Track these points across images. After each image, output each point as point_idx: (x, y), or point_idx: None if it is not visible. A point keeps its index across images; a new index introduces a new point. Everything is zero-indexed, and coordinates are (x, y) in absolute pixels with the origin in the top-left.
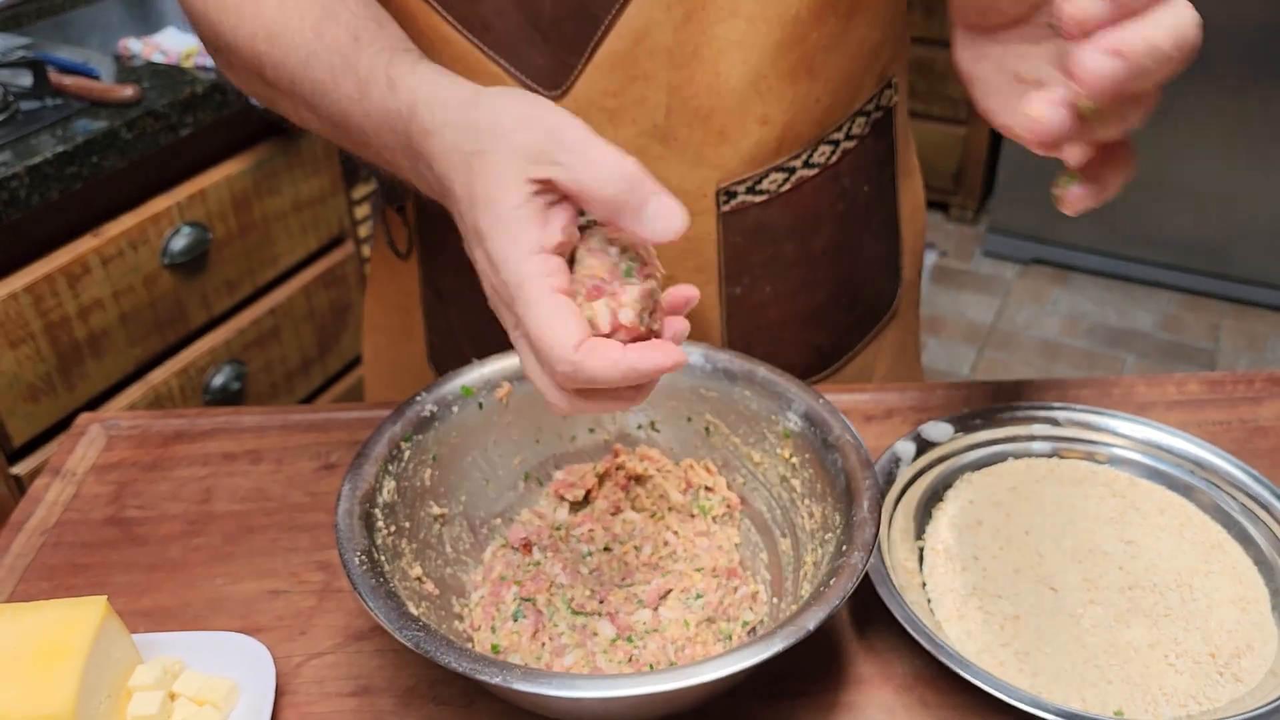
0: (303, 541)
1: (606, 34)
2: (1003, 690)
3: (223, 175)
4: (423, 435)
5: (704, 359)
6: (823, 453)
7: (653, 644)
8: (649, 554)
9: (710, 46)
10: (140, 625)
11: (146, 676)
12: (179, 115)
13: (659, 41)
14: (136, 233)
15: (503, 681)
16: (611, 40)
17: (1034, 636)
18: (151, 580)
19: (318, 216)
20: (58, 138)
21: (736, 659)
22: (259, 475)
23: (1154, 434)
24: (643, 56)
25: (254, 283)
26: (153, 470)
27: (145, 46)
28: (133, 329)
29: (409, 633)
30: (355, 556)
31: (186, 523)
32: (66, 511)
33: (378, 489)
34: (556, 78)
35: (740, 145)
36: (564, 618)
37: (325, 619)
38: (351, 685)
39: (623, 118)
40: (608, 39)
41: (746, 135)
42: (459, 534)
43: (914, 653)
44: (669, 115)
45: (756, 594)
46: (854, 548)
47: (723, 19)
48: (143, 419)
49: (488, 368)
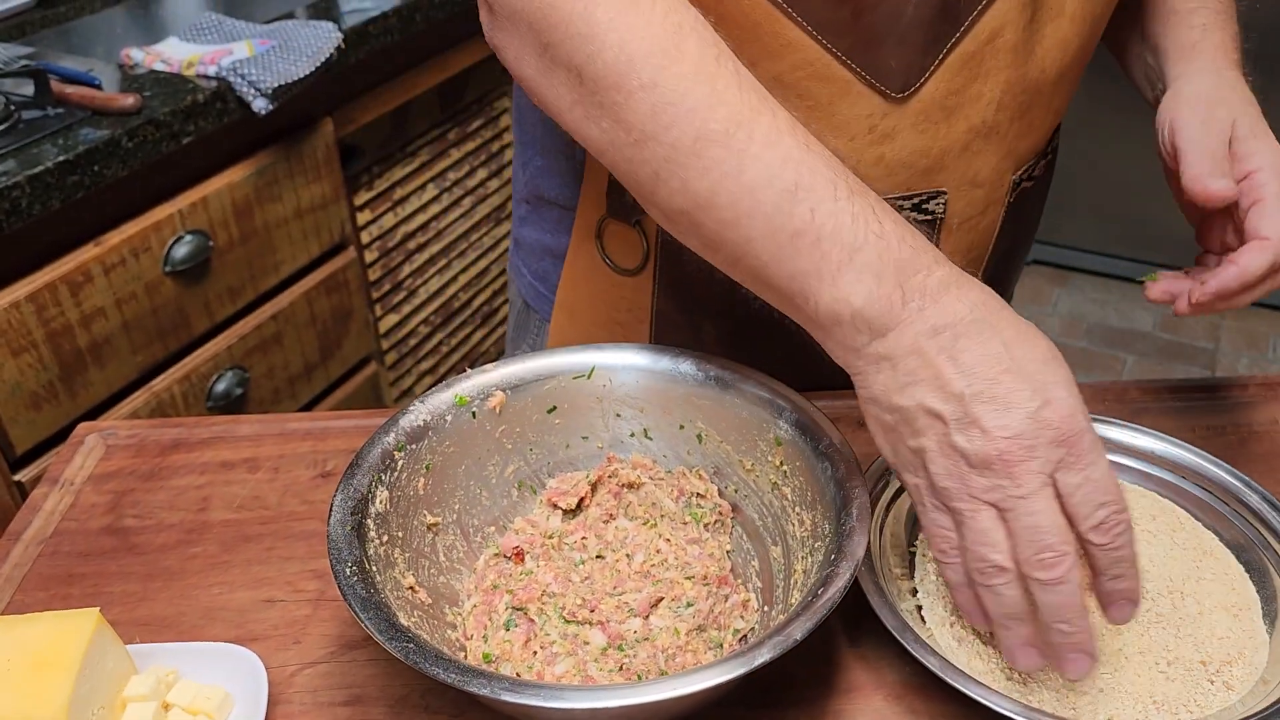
0: (298, 550)
1: (965, 35)
2: (993, 699)
3: (224, 183)
4: (416, 445)
5: (696, 367)
6: (813, 461)
7: (643, 652)
8: (641, 562)
9: (1042, 45)
10: (136, 635)
11: (141, 687)
12: (180, 123)
13: (1007, 40)
14: (138, 241)
15: (490, 693)
16: (967, 41)
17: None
18: (147, 590)
19: (319, 223)
20: (59, 147)
21: (722, 670)
22: (256, 483)
23: (1145, 440)
24: (989, 55)
25: (256, 289)
26: (150, 479)
27: (147, 55)
28: (135, 336)
29: (398, 644)
30: (346, 567)
31: (183, 532)
32: (64, 521)
33: (370, 498)
34: (908, 79)
35: (1038, 135)
36: (555, 626)
37: (319, 628)
38: (344, 695)
39: (958, 115)
40: (965, 40)
41: (1044, 125)
42: (452, 543)
43: (905, 661)
44: (998, 110)
45: (748, 602)
46: (843, 557)
47: (1053, 18)
48: (140, 428)
49: (481, 377)
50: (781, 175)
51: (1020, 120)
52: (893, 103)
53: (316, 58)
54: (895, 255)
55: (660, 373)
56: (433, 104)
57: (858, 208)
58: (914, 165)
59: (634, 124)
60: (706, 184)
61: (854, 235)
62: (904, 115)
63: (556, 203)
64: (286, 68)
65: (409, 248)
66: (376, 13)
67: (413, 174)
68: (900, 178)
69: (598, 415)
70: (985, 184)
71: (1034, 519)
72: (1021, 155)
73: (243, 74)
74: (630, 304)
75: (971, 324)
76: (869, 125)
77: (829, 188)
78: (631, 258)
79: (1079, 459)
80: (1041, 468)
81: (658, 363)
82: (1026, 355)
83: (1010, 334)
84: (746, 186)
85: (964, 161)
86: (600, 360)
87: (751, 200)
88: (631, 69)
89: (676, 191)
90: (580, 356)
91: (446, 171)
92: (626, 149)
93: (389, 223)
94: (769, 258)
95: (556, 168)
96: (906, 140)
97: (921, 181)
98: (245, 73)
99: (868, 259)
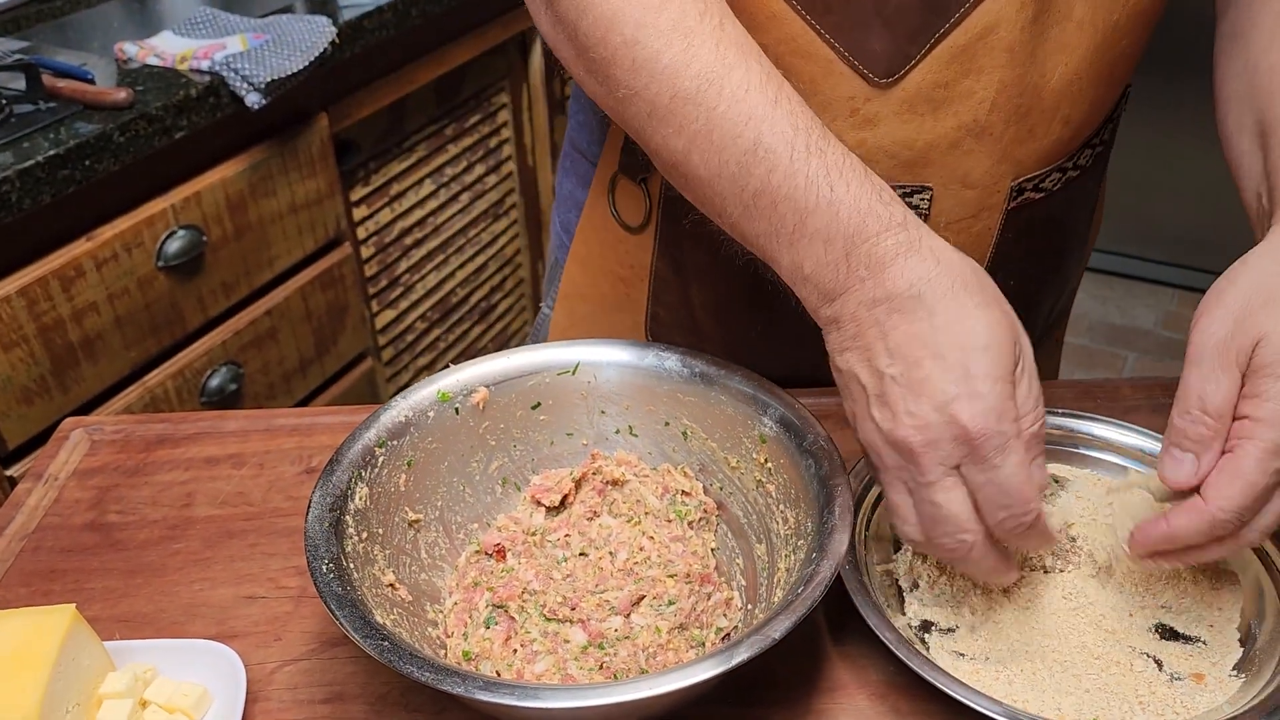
0: (281, 546)
1: (955, 27)
2: (977, 699)
3: (218, 178)
4: (398, 441)
5: (681, 364)
6: (797, 458)
7: (624, 651)
8: (624, 559)
9: (1044, 48)
10: (116, 631)
11: (117, 684)
12: (173, 118)
13: (1002, 39)
14: (131, 235)
15: (465, 692)
16: (957, 34)
17: (1010, 643)
18: (129, 586)
19: (314, 218)
20: (51, 141)
21: (699, 669)
22: (240, 479)
23: (1134, 438)
24: (982, 52)
25: (250, 284)
26: (135, 475)
27: (141, 49)
28: (128, 332)
29: (373, 642)
30: (323, 564)
31: (166, 528)
32: (47, 517)
33: (350, 495)
34: (892, 66)
35: (1041, 144)
36: (536, 624)
37: (300, 624)
38: (324, 692)
39: (946, 110)
40: (954, 32)
41: (1049, 135)
42: (434, 539)
43: (888, 660)
44: (991, 111)
45: (731, 600)
46: (824, 556)
47: (1058, 21)
48: (126, 424)
49: (464, 373)
50: (744, 134)
51: (1017, 124)
52: (876, 87)
53: (310, 52)
54: (845, 222)
55: (645, 369)
56: (429, 99)
57: (813, 169)
58: (897, 156)
59: (619, 80)
60: (682, 142)
61: (806, 199)
62: (887, 102)
63: (585, 155)
64: (280, 62)
65: (406, 243)
66: (372, 7)
67: (409, 169)
68: (883, 166)
69: (582, 411)
70: (978, 186)
71: (934, 508)
72: (1022, 162)
73: (236, 68)
74: (633, 260)
75: (908, 300)
76: (850, 108)
77: (786, 148)
78: (636, 215)
79: (984, 460)
80: (944, 460)
81: (643, 359)
82: (957, 341)
83: (948, 316)
84: (715, 145)
85: (953, 159)
86: (585, 356)
87: (719, 160)
88: (614, 25)
89: (661, 147)
90: (565, 352)
91: (444, 167)
92: (616, 105)
93: (386, 218)
94: (738, 217)
95: (587, 121)
96: (889, 128)
97: (905, 174)
98: (238, 67)
99: (817, 225)
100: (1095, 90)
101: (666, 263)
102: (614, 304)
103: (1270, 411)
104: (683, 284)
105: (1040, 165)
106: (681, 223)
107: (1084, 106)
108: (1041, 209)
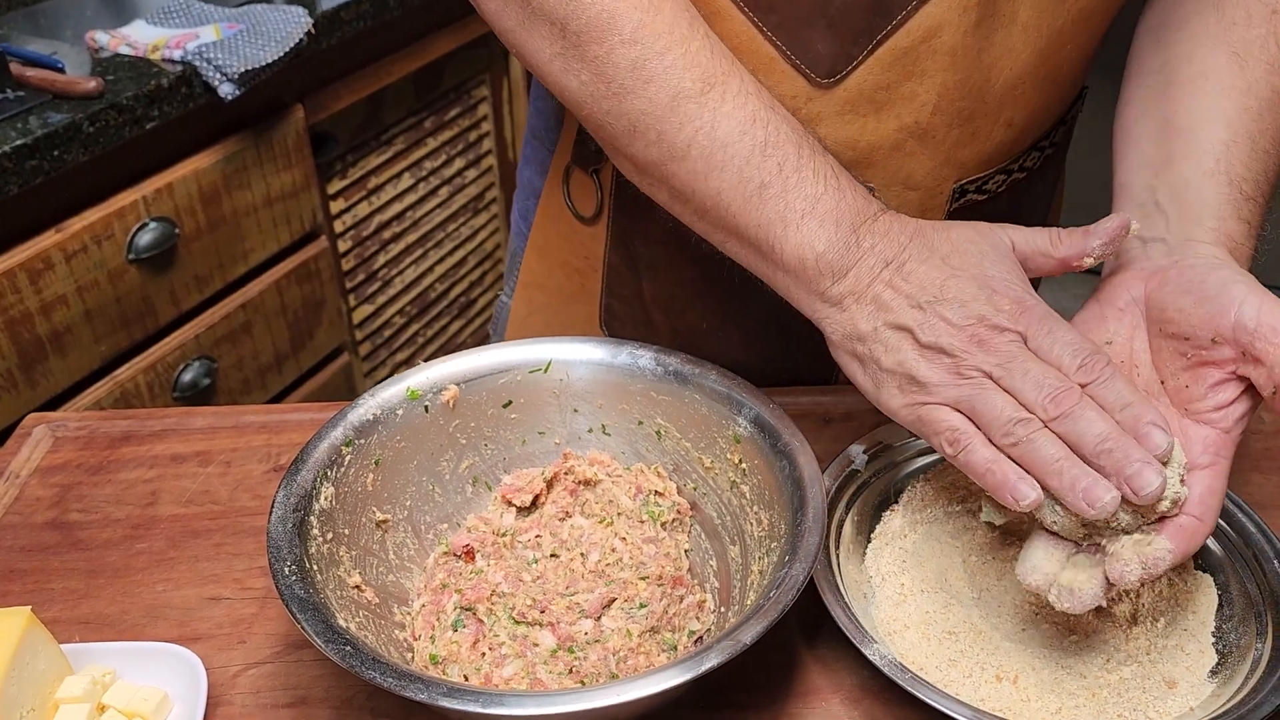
0: (247, 546)
1: (897, 29)
2: (949, 704)
3: (190, 169)
4: (365, 439)
5: (655, 362)
6: (772, 459)
7: (594, 655)
8: (596, 561)
9: (989, 52)
10: (76, 634)
11: (75, 688)
12: (144, 108)
13: (945, 42)
14: (101, 227)
15: (428, 698)
16: (900, 36)
17: (983, 648)
18: (90, 587)
19: (290, 211)
20: (18, 131)
21: (668, 675)
22: (206, 478)
23: None
24: (925, 55)
25: (224, 278)
26: (98, 473)
27: (112, 39)
28: (98, 325)
29: (335, 646)
30: (285, 566)
31: (129, 527)
32: (6, 515)
33: (315, 495)
34: (834, 67)
35: (984, 146)
36: (505, 627)
37: (265, 627)
38: (288, 696)
39: (888, 112)
40: (896, 34)
41: (992, 138)
42: (403, 540)
43: (862, 664)
44: (933, 114)
45: (704, 602)
46: (796, 559)
47: (1003, 25)
48: (91, 420)
49: (434, 371)
50: (752, 132)
51: (960, 127)
52: (818, 87)
53: (285, 43)
54: (850, 204)
55: (618, 367)
56: (408, 92)
57: (818, 164)
58: (839, 155)
59: (614, 77)
60: (682, 138)
61: (815, 187)
62: (829, 102)
63: (543, 143)
64: (254, 53)
65: (384, 237)
66: None
67: (388, 162)
68: None
69: (554, 410)
70: (920, 187)
71: (1027, 373)
72: (965, 164)
73: (209, 58)
74: (587, 252)
75: (914, 249)
76: (792, 108)
77: (794, 146)
78: (589, 206)
79: (1039, 323)
80: (1013, 337)
81: (616, 357)
82: (964, 261)
83: (946, 249)
84: (719, 141)
85: (895, 161)
86: (557, 354)
87: (724, 154)
88: (613, 24)
89: (652, 144)
90: (537, 350)
91: (423, 160)
92: (605, 101)
93: (363, 211)
94: (737, 208)
95: (547, 108)
96: (831, 128)
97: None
98: (211, 57)
99: (827, 208)
100: (1040, 94)
101: (619, 254)
102: (570, 294)
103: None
104: (635, 276)
105: (983, 168)
106: (632, 217)
107: (1028, 110)
108: (986, 211)
